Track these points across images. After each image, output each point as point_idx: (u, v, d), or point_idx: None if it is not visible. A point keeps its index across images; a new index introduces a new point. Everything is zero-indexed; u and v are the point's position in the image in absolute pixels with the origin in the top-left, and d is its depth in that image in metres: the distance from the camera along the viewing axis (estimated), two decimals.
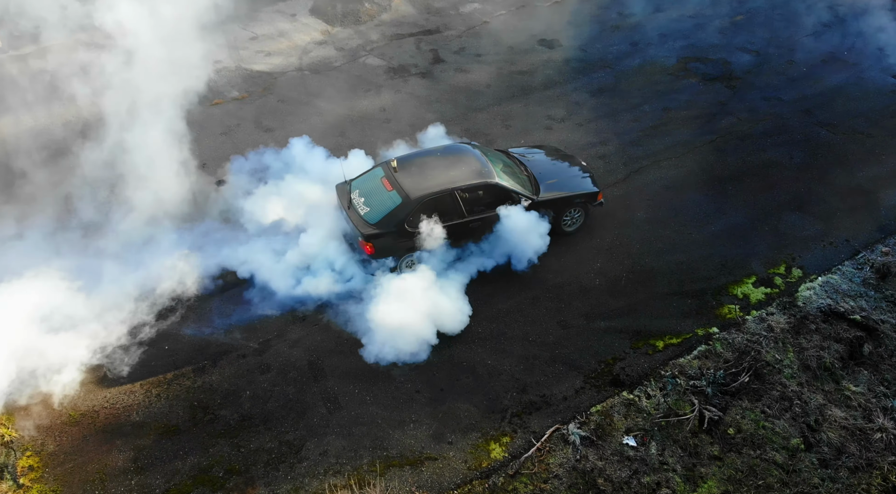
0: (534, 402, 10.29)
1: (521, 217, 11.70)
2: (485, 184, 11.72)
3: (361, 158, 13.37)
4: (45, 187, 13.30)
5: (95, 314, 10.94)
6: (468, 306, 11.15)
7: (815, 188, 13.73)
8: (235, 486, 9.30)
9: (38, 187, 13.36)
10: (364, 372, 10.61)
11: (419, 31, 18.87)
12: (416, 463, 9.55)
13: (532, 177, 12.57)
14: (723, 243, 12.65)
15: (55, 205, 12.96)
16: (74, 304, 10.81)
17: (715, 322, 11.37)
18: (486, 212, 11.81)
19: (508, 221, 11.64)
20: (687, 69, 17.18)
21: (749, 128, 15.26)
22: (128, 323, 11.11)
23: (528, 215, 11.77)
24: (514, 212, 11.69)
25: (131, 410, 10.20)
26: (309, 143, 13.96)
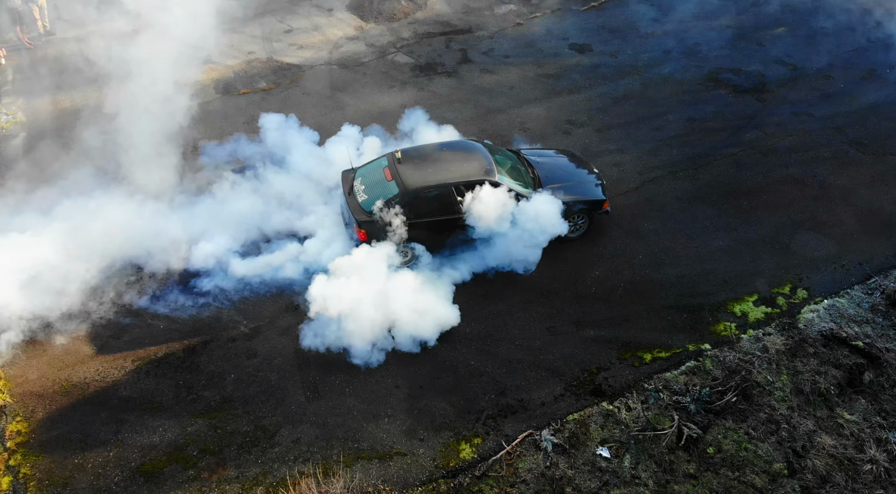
0: (511, 406, 10.25)
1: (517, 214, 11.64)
2: (484, 182, 11.70)
3: (354, 134, 13.83)
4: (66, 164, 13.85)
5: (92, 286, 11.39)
6: (451, 310, 11.11)
7: (835, 209, 13.29)
8: (207, 466, 9.53)
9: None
10: (347, 364, 10.73)
11: (451, 31, 18.92)
12: (385, 458, 9.62)
13: (538, 179, 12.50)
14: (728, 259, 12.36)
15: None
16: (72, 271, 11.22)
17: (708, 339, 11.12)
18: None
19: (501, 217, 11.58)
20: (718, 80, 16.81)
21: (774, 143, 14.86)
22: (124, 299, 11.49)
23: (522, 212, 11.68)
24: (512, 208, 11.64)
25: (120, 385, 10.54)
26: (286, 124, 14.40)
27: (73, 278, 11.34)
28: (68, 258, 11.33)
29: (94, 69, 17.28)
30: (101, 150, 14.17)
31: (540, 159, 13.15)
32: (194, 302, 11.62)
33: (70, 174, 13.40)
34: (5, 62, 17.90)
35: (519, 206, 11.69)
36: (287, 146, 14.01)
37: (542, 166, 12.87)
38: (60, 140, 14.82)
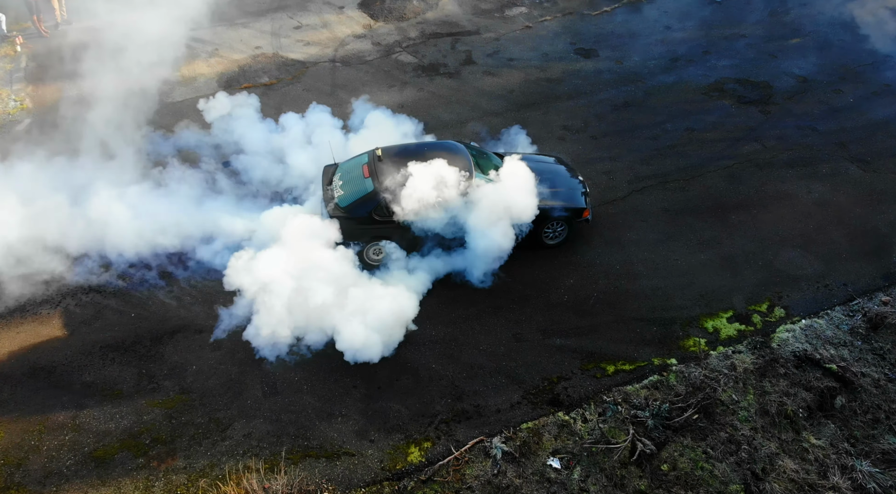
0: (466, 411, 10.18)
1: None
2: None
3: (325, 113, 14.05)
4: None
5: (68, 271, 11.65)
6: (398, 323, 11.08)
7: (826, 227, 12.93)
8: (157, 455, 9.65)
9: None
10: (309, 361, 10.76)
11: (458, 32, 18.87)
12: (333, 457, 9.63)
13: None
14: (708, 273, 12.11)
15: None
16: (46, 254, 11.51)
17: (675, 354, 10.91)
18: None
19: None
20: (723, 90, 16.48)
21: (772, 157, 14.51)
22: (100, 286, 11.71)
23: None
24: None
25: (84, 370, 10.73)
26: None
27: (47, 261, 11.59)
28: (42, 241, 11.57)
29: (102, 60, 17.62)
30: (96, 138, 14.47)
31: (527, 163, 13.01)
32: (167, 292, 11.75)
33: (61, 160, 13.66)
34: (21, 50, 18.34)
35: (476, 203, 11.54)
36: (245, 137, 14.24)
37: None
38: (61, 128, 15.12)
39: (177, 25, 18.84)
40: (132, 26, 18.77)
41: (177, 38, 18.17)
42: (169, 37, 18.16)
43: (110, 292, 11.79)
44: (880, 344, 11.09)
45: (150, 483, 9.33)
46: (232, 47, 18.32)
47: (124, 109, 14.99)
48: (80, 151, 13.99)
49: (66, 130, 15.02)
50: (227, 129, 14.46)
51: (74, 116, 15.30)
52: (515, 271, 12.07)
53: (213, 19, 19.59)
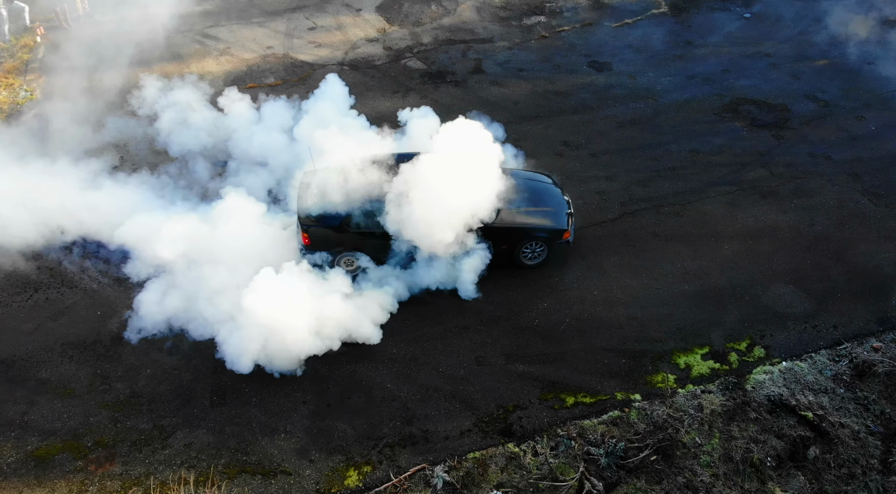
0: (413, 436, 9.88)
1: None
2: None
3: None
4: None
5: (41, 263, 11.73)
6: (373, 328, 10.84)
7: (824, 263, 12.22)
8: (96, 458, 9.60)
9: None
10: (262, 373, 10.58)
11: (472, 39, 18.54)
12: (269, 475, 9.44)
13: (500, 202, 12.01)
14: (689, 305, 11.56)
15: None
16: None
17: (641, 389, 10.42)
18: None
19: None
20: (737, 111, 15.79)
21: (778, 185, 13.82)
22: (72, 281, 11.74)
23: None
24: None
25: (43, 366, 10.76)
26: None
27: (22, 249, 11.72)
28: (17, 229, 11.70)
29: (113, 54, 17.85)
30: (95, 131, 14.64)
31: (511, 181, 12.61)
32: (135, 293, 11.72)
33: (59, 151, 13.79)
34: (40, 40, 18.66)
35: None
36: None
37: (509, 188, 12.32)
38: (64, 119, 15.27)
39: (194, 22, 18.99)
40: (150, 22, 18.98)
41: (192, 35, 18.30)
42: (185, 33, 18.31)
43: (81, 288, 11.78)
44: (865, 394, 10.40)
45: (84, 488, 9.29)
46: (244, 46, 18.32)
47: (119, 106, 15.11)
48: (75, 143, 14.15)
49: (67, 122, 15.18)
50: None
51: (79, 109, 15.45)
52: (489, 290, 11.72)
53: (230, 17, 19.67)
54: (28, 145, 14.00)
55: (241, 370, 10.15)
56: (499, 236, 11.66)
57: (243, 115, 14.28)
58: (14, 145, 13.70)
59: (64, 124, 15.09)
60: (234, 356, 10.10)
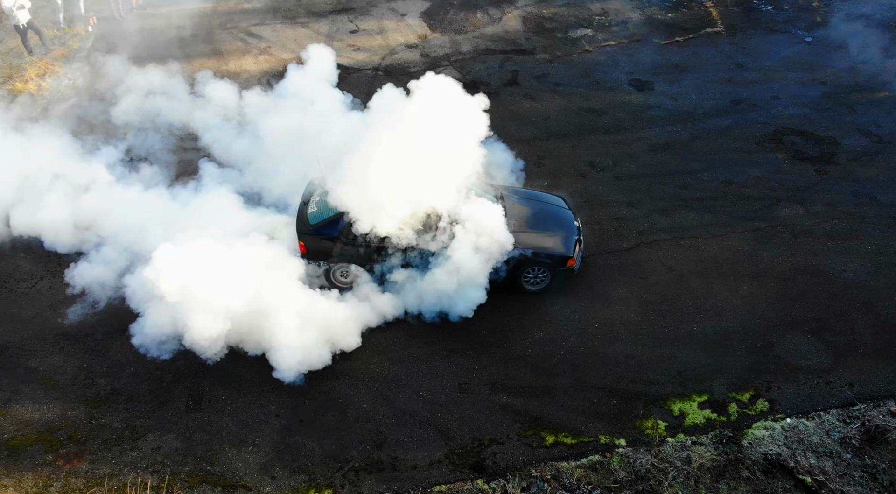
0: (381, 462, 9.57)
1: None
2: (431, 214, 11.00)
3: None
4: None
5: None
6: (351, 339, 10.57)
7: (851, 314, 11.35)
8: (66, 453, 9.63)
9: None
10: (242, 381, 10.47)
11: (512, 50, 18.10)
12: (230, 488, 9.29)
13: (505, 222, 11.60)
14: (695, 348, 10.89)
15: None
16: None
17: (628, 434, 9.84)
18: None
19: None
20: (780, 141, 14.90)
21: (813, 224, 12.93)
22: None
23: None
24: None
25: (33, 355, 10.90)
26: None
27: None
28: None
29: (159, 48, 18.13)
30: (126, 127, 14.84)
31: (522, 201, 12.21)
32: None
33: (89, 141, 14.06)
34: (92, 30, 19.12)
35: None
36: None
37: (516, 210, 11.92)
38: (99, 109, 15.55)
39: (241, 19, 19.14)
40: (199, 17, 19.21)
41: (237, 32, 18.43)
42: (230, 30, 18.46)
43: (82, 281, 11.88)
44: (874, 461, 9.56)
45: (49, 482, 9.32)
46: (284, 46, 18.35)
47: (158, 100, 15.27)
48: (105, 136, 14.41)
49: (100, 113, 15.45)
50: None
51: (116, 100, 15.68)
52: (485, 314, 11.32)
53: (276, 16, 19.77)
54: (59, 132, 14.19)
55: (162, 356, 10.34)
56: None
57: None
58: (49, 134, 13.92)
59: (94, 113, 15.35)
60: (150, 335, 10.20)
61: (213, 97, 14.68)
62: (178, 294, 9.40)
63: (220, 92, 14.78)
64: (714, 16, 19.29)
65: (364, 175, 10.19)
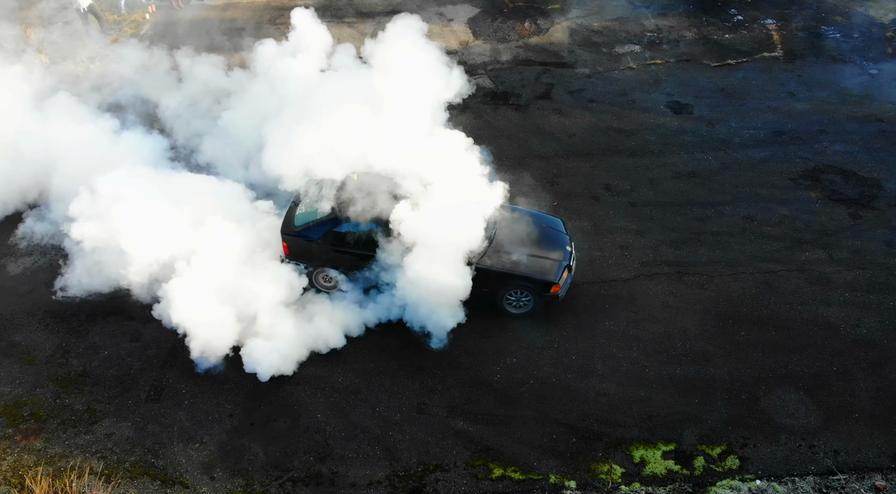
0: (320, 475, 9.44)
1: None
2: None
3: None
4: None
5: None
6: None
7: (854, 373, 10.48)
8: (25, 429, 9.93)
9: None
10: (205, 377, 10.54)
11: (552, 62, 17.63)
12: (168, 483, 9.35)
13: (491, 240, 11.28)
14: (672, 393, 10.29)
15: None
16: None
17: (580, 476, 9.38)
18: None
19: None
20: (817, 179, 13.94)
21: (833, 272, 12.02)
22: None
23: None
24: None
25: (19, 330, 11.30)
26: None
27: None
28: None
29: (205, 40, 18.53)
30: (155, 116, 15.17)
31: (515, 219, 11.82)
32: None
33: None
34: (149, 17, 19.74)
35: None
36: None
37: (508, 228, 11.55)
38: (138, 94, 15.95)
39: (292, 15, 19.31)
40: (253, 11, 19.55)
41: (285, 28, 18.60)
42: (279, 26, 18.70)
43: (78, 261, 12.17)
44: None
45: (3, 455, 9.60)
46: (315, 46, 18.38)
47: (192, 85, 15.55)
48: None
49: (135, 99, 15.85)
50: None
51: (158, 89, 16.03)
52: (462, 333, 11.03)
53: (325, 15, 19.87)
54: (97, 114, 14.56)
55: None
56: (479, 277, 10.89)
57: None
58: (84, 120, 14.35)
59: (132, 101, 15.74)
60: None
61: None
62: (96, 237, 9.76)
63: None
64: (775, 39, 18.25)
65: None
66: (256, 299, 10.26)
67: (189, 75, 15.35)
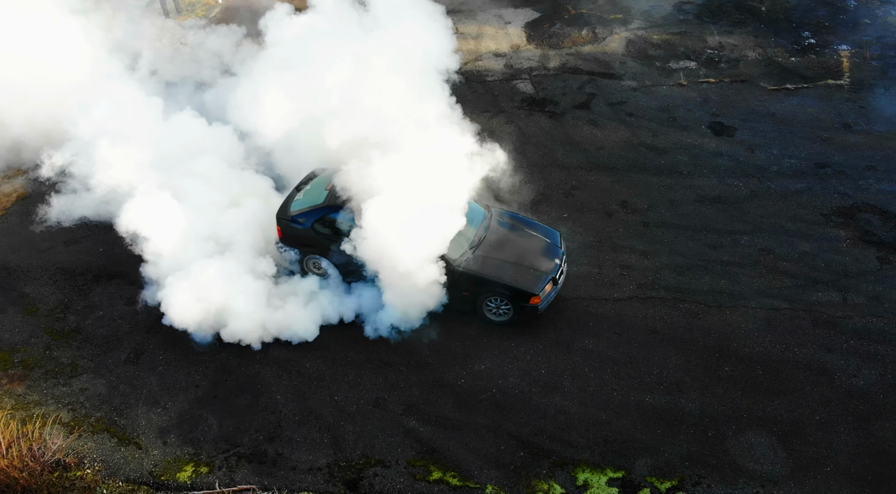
0: (265, 454, 9.68)
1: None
2: None
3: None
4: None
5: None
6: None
7: (838, 426, 9.84)
8: (13, 375, 10.66)
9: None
10: (184, 347, 10.96)
11: (600, 72, 17.29)
12: (124, 442, 9.82)
13: (478, 244, 11.23)
14: (635, 420, 9.96)
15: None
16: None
17: (519, 491, 9.23)
18: None
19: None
20: (852, 217, 13.12)
21: (843, 317, 11.31)
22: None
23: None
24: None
25: (31, 282, 12.13)
26: None
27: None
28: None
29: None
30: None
31: (507, 226, 11.72)
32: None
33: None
34: (222, 1, 20.60)
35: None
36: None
37: (499, 235, 11.47)
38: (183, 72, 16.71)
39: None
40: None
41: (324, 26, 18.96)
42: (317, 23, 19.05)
43: (106, 225, 12.78)
44: None
45: None
46: None
47: None
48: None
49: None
50: None
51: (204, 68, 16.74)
52: (438, 335, 11.07)
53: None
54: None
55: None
56: (460, 280, 10.87)
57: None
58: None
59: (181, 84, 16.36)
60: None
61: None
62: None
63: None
64: (844, 67, 17.24)
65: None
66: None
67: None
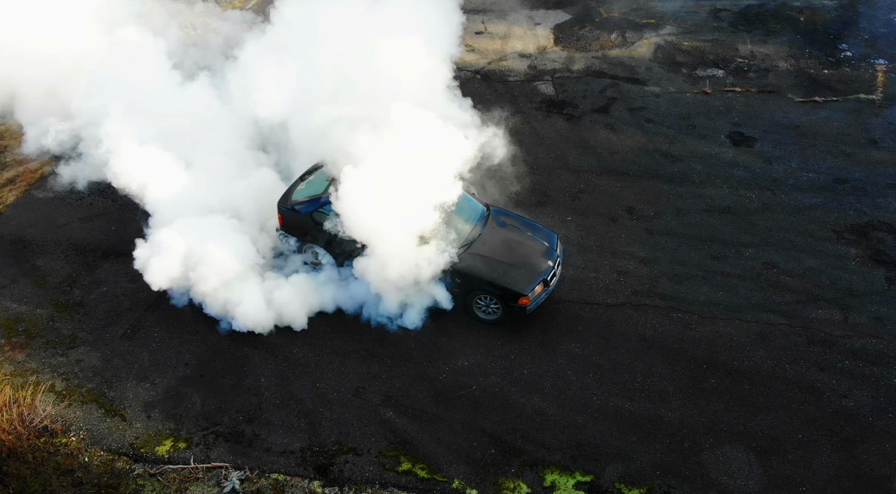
0: (242, 435, 9.93)
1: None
2: None
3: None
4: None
5: None
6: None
7: (820, 445, 9.61)
8: (15, 342, 11.15)
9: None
10: (180, 326, 11.30)
11: (624, 77, 17.15)
12: (110, 413, 10.17)
13: (472, 241, 11.30)
14: (611, 425, 9.91)
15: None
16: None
17: (486, 488, 9.32)
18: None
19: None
20: (864, 236, 12.77)
21: (841, 336, 11.03)
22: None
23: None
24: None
25: (43, 255, 12.63)
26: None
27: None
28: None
29: None
30: None
31: (503, 225, 11.74)
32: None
33: None
34: None
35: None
36: None
37: (493, 231, 11.51)
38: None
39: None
40: None
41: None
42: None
43: (119, 202, 13.27)
44: None
45: None
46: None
47: None
48: None
49: None
50: None
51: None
52: (425, 329, 11.19)
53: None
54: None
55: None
56: (451, 276, 10.96)
57: None
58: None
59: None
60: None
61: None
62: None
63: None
64: (878, 81, 16.75)
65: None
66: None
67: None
